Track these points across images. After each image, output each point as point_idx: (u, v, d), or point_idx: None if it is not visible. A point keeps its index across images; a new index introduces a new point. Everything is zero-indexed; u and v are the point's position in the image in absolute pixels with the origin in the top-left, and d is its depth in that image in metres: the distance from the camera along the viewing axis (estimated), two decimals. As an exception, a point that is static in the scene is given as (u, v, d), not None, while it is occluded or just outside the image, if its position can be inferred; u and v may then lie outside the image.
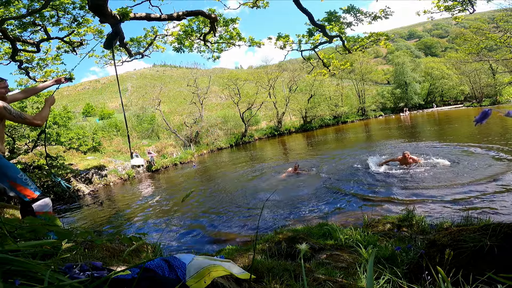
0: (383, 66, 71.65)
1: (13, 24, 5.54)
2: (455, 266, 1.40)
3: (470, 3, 5.76)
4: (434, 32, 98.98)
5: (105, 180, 14.61)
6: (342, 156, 11.66)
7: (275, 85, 32.10)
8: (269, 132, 30.51)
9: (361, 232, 3.37)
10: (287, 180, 9.16)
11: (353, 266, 2.40)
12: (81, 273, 0.96)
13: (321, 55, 7.39)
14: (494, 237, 1.42)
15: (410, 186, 6.53)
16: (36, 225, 0.88)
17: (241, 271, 1.52)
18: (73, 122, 23.15)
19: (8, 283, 0.62)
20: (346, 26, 6.02)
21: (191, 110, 28.30)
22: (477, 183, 5.92)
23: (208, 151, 24.27)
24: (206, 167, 16.21)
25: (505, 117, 0.63)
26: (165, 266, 1.25)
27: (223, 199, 8.19)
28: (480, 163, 7.31)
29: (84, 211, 9.79)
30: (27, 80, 7.88)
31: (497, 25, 17.77)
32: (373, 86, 44.80)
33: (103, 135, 17.33)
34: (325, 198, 6.67)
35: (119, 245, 2.69)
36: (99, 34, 6.27)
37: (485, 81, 33.44)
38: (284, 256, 2.94)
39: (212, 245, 5.05)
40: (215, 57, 7.39)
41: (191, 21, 6.19)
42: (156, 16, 4.87)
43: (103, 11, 3.70)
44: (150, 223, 6.98)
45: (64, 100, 51.25)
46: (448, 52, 62.63)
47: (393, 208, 5.38)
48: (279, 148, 19.94)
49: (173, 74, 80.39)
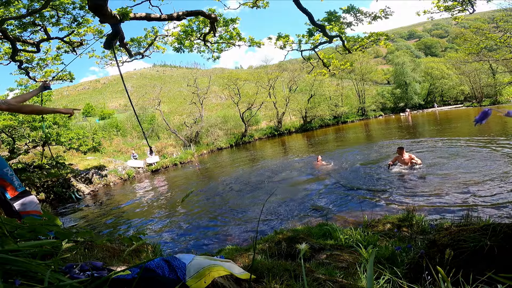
0: (383, 66, 71.65)
1: (13, 24, 5.53)
2: (455, 266, 1.40)
3: (470, 3, 5.75)
4: (434, 32, 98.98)
5: (105, 180, 14.61)
6: (342, 156, 11.65)
7: (275, 85, 32.12)
8: (269, 132, 30.52)
9: (361, 232, 3.37)
10: (287, 180, 9.17)
11: (353, 266, 2.40)
12: (81, 273, 0.96)
13: (321, 55, 7.38)
14: (494, 237, 1.42)
15: (410, 186, 6.53)
16: (36, 225, 0.88)
17: (241, 271, 1.52)
18: (73, 122, 23.17)
19: (8, 283, 0.62)
20: (346, 26, 6.01)
21: (191, 110, 28.31)
22: (477, 183, 5.92)
23: (208, 151, 24.27)
24: (206, 167, 16.21)
25: (505, 117, 0.63)
26: (165, 266, 1.25)
27: (223, 199, 8.19)
28: (480, 163, 7.31)
29: (84, 211, 9.79)
30: (27, 80, 7.88)
31: (497, 25, 17.76)
32: (373, 86, 44.80)
33: (103, 135, 17.31)
34: (325, 198, 6.67)
35: (119, 245, 2.69)
36: (99, 34, 6.25)
37: (485, 81, 33.45)
38: (284, 256, 2.94)
39: (212, 245, 5.05)
40: (215, 57, 7.39)
41: (191, 21, 6.18)
42: (156, 16, 4.86)
43: (103, 11, 3.70)
44: (150, 223, 6.98)
45: (64, 100, 51.26)
46: (448, 52, 62.70)
47: (393, 208, 5.38)
48: (279, 148, 19.93)
49: (173, 74, 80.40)
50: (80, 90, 66.55)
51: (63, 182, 12.14)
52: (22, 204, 2.03)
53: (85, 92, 64.31)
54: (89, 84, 72.64)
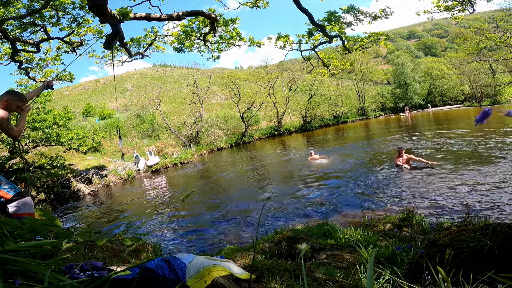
0: (383, 66, 71.61)
1: (13, 24, 5.53)
2: (455, 266, 1.40)
3: (470, 3, 5.76)
4: (434, 32, 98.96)
5: (105, 180, 14.61)
6: (342, 156, 11.65)
7: (275, 85, 32.10)
8: (269, 132, 30.50)
9: (361, 232, 3.37)
10: (287, 179, 9.17)
11: (353, 266, 2.39)
12: (82, 273, 0.96)
13: (321, 55, 7.38)
14: (494, 237, 1.42)
15: (411, 186, 6.53)
16: (36, 225, 0.88)
17: (241, 271, 1.52)
18: (73, 122, 23.16)
19: (8, 283, 0.62)
20: (346, 26, 6.01)
21: (191, 110, 28.29)
22: (477, 183, 5.92)
23: (208, 151, 24.27)
24: (206, 167, 16.21)
25: (505, 116, 0.63)
26: (165, 266, 1.25)
27: (223, 199, 8.19)
28: (480, 163, 7.31)
29: (84, 211, 9.79)
30: (27, 80, 7.88)
31: (497, 25, 17.76)
32: (373, 86, 44.79)
33: (103, 135, 17.30)
34: (326, 198, 6.67)
35: (119, 245, 2.69)
36: (99, 34, 6.25)
37: (485, 81, 33.44)
38: (284, 256, 2.94)
39: (212, 245, 5.05)
40: (215, 57, 7.39)
41: (191, 21, 6.18)
42: (156, 16, 4.86)
43: (103, 11, 3.70)
44: (150, 223, 6.98)
45: (64, 100, 51.24)
46: (448, 52, 62.67)
47: (393, 208, 5.38)
48: (279, 148, 19.93)
49: (173, 74, 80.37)
50: (80, 90, 66.52)
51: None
52: (16, 206, 2.08)
53: (85, 92, 64.27)
54: (89, 84, 72.59)
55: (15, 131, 2.27)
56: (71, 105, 39.90)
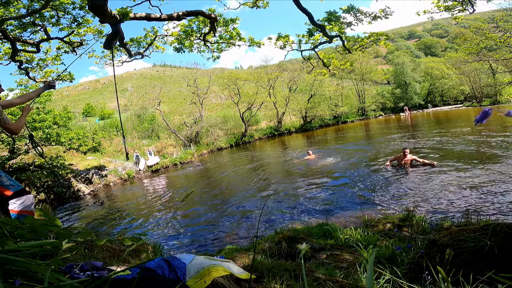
0: (383, 66, 71.58)
1: (13, 24, 5.53)
2: (455, 266, 1.40)
3: (470, 3, 5.75)
4: (434, 32, 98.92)
5: (105, 180, 14.61)
6: (342, 156, 11.65)
7: (275, 85, 32.07)
8: (269, 132, 30.49)
9: (361, 232, 3.37)
10: (287, 179, 9.16)
11: (353, 266, 2.39)
12: (82, 273, 0.96)
13: (321, 55, 7.38)
14: (494, 237, 1.42)
15: (411, 186, 6.53)
16: (36, 225, 0.88)
17: (241, 271, 1.52)
18: (73, 122, 23.17)
19: (8, 283, 0.61)
20: (346, 26, 6.01)
21: (191, 110, 28.28)
22: (478, 183, 5.92)
23: (208, 151, 24.26)
24: (206, 167, 16.21)
25: (505, 116, 0.63)
26: (165, 266, 1.25)
27: (223, 199, 8.19)
28: (480, 163, 7.31)
29: (84, 211, 9.79)
30: (27, 81, 7.88)
31: (497, 25, 17.76)
32: (373, 86, 44.74)
33: (103, 135, 17.29)
34: (325, 198, 6.67)
35: (119, 245, 2.69)
36: (99, 34, 6.25)
37: (485, 81, 33.40)
38: (284, 256, 2.95)
39: (212, 245, 5.05)
40: (215, 57, 7.39)
41: (191, 21, 6.18)
42: (156, 16, 4.86)
43: (103, 11, 3.70)
44: (150, 223, 6.98)
45: (64, 100, 51.24)
46: (448, 52, 62.64)
47: (393, 208, 5.38)
48: (279, 148, 19.93)
49: (173, 74, 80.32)
50: (80, 90, 66.50)
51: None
52: (16, 203, 2.09)
53: (85, 92, 64.25)
54: (89, 84, 72.55)
55: (12, 124, 2.26)
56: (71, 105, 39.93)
